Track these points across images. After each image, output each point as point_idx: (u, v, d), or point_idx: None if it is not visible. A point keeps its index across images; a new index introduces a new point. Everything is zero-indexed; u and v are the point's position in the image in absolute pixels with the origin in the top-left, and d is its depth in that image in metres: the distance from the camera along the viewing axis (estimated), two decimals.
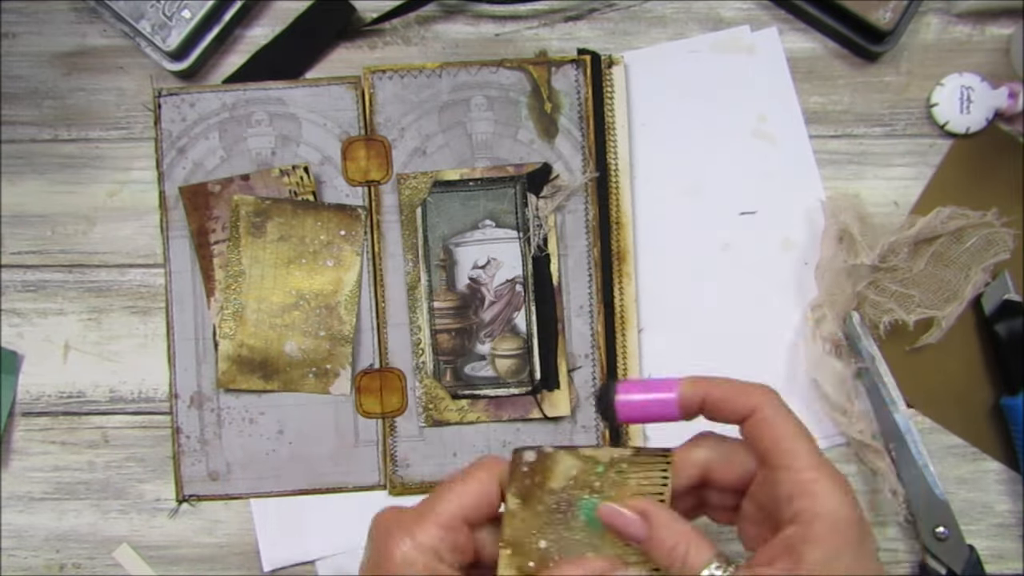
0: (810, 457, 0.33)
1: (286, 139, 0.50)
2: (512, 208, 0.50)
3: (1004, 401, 0.50)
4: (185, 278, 0.50)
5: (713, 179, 0.52)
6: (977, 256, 0.51)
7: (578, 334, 0.50)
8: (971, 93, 0.51)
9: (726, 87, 0.52)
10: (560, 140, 0.50)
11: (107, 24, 0.52)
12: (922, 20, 0.53)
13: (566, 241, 0.50)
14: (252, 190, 0.50)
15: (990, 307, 0.51)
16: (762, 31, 0.53)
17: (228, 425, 0.50)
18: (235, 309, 0.49)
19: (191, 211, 0.50)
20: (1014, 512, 0.51)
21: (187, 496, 0.50)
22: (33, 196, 0.52)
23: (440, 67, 0.50)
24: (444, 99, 0.50)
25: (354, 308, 0.50)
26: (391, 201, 0.50)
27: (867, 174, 0.52)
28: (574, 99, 0.50)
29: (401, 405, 0.50)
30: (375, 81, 0.50)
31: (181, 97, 0.50)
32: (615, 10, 0.53)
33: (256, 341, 0.49)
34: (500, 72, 0.50)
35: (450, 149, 0.50)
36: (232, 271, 0.49)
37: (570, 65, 0.50)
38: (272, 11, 0.53)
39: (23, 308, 0.51)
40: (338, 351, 0.50)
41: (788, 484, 0.33)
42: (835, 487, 0.33)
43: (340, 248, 0.50)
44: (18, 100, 0.52)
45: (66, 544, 0.50)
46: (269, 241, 0.49)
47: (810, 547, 0.32)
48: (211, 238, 0.50)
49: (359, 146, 0.50)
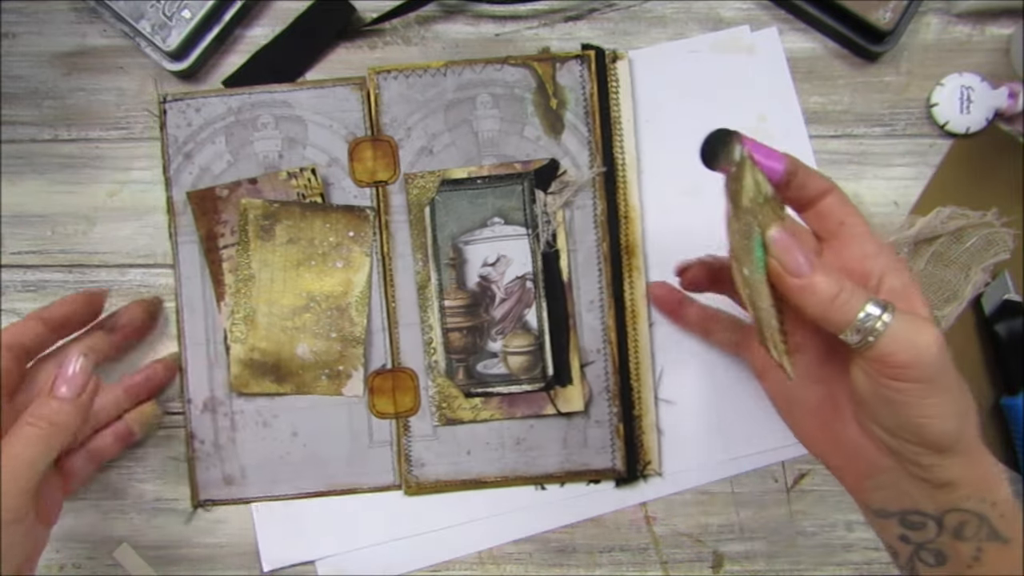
0: (870, 226, 0.37)
1: (292, 142, 0.50)
2: (520, 205, 0.50)
3: (1004, 401, 0.50)
4: (195, 283, 0.50)
5: (714, 179, 0.52)
6: (977, 256, 0.51)
7: (589, 329, 0.50)
8: (971, 93, 0.51)
9: (726, 87, 0.52)
10: (566, 136, 0.50)
11: (107, 24, 0.52)
12: (922, 20, 0.53)
13: (575, 236, 0.50)
14: (260, 193, 0.50)
15: (990, 307, 0.51)
16: (762, 31, 0.53)
17: (242, 429, 0.50)
18: (246, 313, 0.49)
19: (199, 216, 0.50)
20: None
21: (203, 501, 0.50)
22: (33, 196, 0.52)
23: (445, 66, 0.50)
24: (449, 98, 0.50)
25: (364, 309, 0.50)
26: (399, 201, 0.50)
27: (867, 174, 0.52)
28: (579, 95, 0.50)
29: (414, 405, 0.50)
30: (380, 81, 0.50)
31: (186, 103, 0.50)
32: (615, 10, 0.53)
33: (268, 344, 0.49)
34: (505, 69, 0.50)
35: (457, 148, 0.50)
36: (242, 275, 0.49)
37: (574, 61, 0.50)
38: (272, 11, 0.53)
39: (23, 308, 0.51)
40: (350, 352, 0.50)
41: (869, 244, 0.36)
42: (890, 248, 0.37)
43: (349, 249, 0.50)
44: (18, 100, 0.52)
45: (66, 544, 0.50)
46: (278, 244, 0.49)
47: (910, 287, 0.35)
48: (220, 242, 0.50)
49: (366, 147, 0.50)
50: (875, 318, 0.33)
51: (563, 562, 0.51)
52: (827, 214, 0.37)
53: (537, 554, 0.51)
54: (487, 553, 0.51)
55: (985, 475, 0.34)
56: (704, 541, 0.51)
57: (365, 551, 0.50)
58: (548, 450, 0.50)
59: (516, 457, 0.50)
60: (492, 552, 0.51)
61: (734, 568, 0.51)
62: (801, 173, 0.36)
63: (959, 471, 0.34)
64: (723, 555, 0.51)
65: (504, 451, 0.50)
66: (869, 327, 0.33)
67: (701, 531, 0.51)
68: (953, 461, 0.34)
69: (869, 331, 0.33)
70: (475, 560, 0.51)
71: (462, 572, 0.50)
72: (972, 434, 0.34)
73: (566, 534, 0.51)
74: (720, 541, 0.51)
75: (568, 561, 0.51)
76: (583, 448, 0.50)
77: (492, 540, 0.51)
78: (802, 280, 0.34)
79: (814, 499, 0.51)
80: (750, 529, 0.51)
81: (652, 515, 0.51)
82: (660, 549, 0.51)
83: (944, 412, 0.33)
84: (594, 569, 0.51)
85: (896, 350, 0.32)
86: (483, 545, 0.50)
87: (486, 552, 0.51)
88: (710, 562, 0.51)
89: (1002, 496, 0.34)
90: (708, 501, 0.51)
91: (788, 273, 0.34)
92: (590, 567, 0.51)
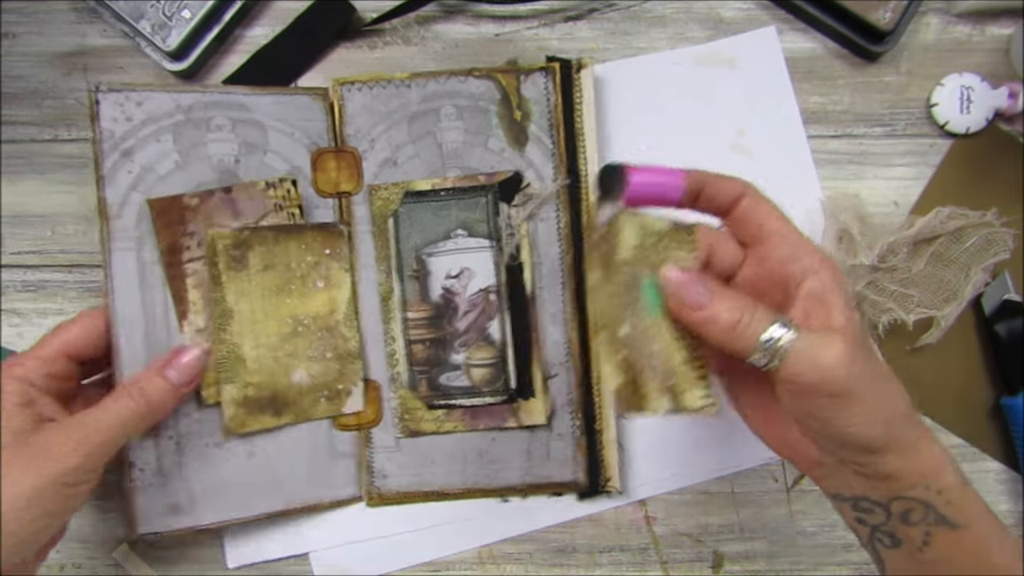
0: (794, 225, 0.36)
1: (251, 147, 0.48)
2: (484, 217, 0.49)
3: (1004, 401, 0.50)
4: (132, 297, 0.45)
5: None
6: (977, 256, 0.51)
7: (552, 342, 0.49)
8: (971, 93, 0.51)
9: (706, 100, 0.52)
10: (531, 148, 0.49)
11: (107, 24, 0.52)
12: (922, 20, 0.53)
13: (539, 249, 0.50)
14: (235, 204, 0.47)
15: (990, 307, 0.51)
16: (760, 31, 0.53)
17: (190, 452, 0.46)
18: (229, 351, 0.46)
19: (162, 228, 0.46)
20: (1014, 512, 0.51)
21: (144, 534, 0.45)
22: (33, 196, 0.52)
23: (409, 77, 0.49)
24: (414, 109, 0.49)
25: (354, 323, 0.49)
26: (363, 212, 0.49)
27: (867, 174, 0.52)
28: (544, 107, 0.49)
29: (376, 416, 0.49)
30: (344, 92, 0.49)
31: (125, 95, 0.46)
32: (615, 10, 0.53)
33: (261, 378, 0.47)
34: (469, 81, 0.49)
35: (421, 159, 0.49)
36: (219, 310, 0.46)
37: (539, 73, 0.49)
38: (272, 11, 0.53)
39: (23, 308, 0.51)
40: (348, 368, 0.49)
41: (788, 246, 0.35)
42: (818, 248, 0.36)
43: (328, 267, 0.48)
44: (18, 100, 0.52)
45: (66, 544, 0.50)
46: (253, 273, 0.47)
47: (831, 291, 0.34)
48: (185, 256, 0.46)
49: (329, 157, 0.49)
50: (776, 340, 0.33)
51: (563, 562, 0.51)
52: (744, 219, 0.36)
53: (537, 554, 0.51)
54: (487, 553, 0.51)
55: (927, 466, 0.34)
56: (704, 541, 0.51)
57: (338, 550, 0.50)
58: (510, 463, 0.50)
59: (478, 469, 0.50)
60: (492, 552, 0.51)
61: (734, 568, 0.51)
62: (709, 184, 0.36)
63: (897, 465, 0.34)
64: (723, 555, 0.51)
65: (467, 463, 0.50)
66: (773, 350, 0.33)
67: (701, 531, 0.51)
68: (888, 458, 0.34)
69: (774, 353, 0.33)
70: (475, 560, 0.51)
71: (462, 572, 0.50)
72: (906, 431, 0.34)
73: (566, 534, 0.51)
74: (720, 541, 0.51)
75: (568, 561, 0.51)
76: (546, 461, 0.49)
77: (446, 550, 0.50)
78: (703, 312, 0.34)
79: (814, 499, 0.51)
80: (750, 529, 0.51)
81: (652, 515, 0.51)
82: (660, 549, 0.51)
83: (866, 420, 0.33)
84: (594, 569, 0.51)
85: (802, 370, 0.32)
86: (443, 553, 0.50)
87: (486, 552, 0.51)
88: (710, 562, 0.51)
89: (947, 483, 0.34)
90: (708, 501, 0.51)
91: (688, 307, 0.34)
92: (590, 567, 0.51)
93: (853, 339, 0.33)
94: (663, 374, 0.35)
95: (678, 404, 0.35)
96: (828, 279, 0.34)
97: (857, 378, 0.32)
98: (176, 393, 0.43)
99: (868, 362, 0.33)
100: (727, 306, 0.34)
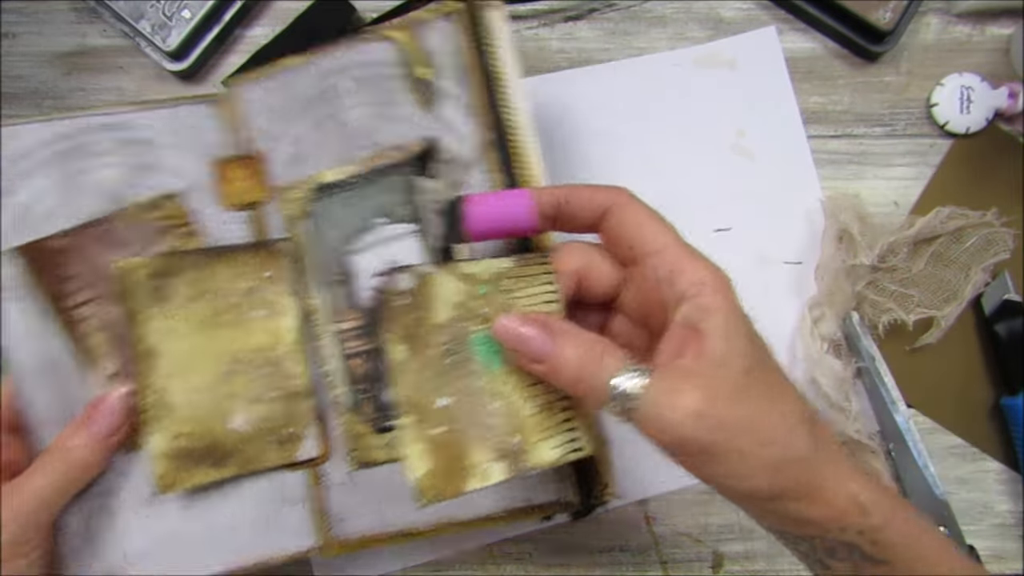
0: (674, 236, 0.32)
1: (142, 168, 0.42)
2: (403, 199, 0.43)
3: (1004, 401, 0.50)
4: (31, 351, 0.40)
5: (689, 193, 0.51)
6: (977, 256, 0.51)
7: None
8: (971, 93, 0.51)
9: (706, 101, 0.52)
10: (444, 107, 0.42)
11: (107, 24, 0.52)
12: (922, 20, 0.53)
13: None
14: (114, 234, 0.41)
15: (990, 307, 0.51)
16: (760, 31, 0.53)
17: (120, 511, 0.40)
18: (156, 398, 0.40)
19: (37, 277, 0.40)
20: (1014, 512, 0.51)
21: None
22: None
23: (302, 62, 0.43)
24: (309, 93, 0.43)
25: (302, 356, 0.41)
26: (278, 221, 0.43)
27: (867, 174, 0.52)
28: (453, 58, 0.42)
29: (324, 450, 0.42)
30: (236, 92, 0.43)
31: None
32: (615, 10, 0.53)
33: (194, 427, 0.40)
34: (362, 49, 0.43)
35: (327, 147, 0.43)
36: (140, 351, 0.40)
37: (440, 19, 0.42)
38: (272, 11, 0.53)
39: None
40: (297, 409, 0.41)
41: (664, 265, 0.31)
42: (704, 262, 0.31)
43: (268, 292, 0.42)
44: (18, 100, 0.52)
45: None
46: (177, 306, 0.40)
47: (710, 315, 0.29)
48: (71, 301, 0.41)
49: (233, 166, 0.43)
50: (624, 392, 0.29)
51: (563, 562, 0.51)
52: (614, 239, 0.32)
53: (537, 554, 0.51)
54: (487, 553, 0.51)
55: (843, 511, 0.30)
56: (704, 541, 0.51)
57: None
58: (483, 488, 0.41)
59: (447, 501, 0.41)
60: (492, 552, 0.51)
61: (734, 568, 0.51)
62: (573, 200, 0.32)
63: (802, 511, 0.30)
64: (723, 555, 0.51)
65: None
66: (623, 401, 0.29)
67: (701, 531, 0.51)
68: (789, 505, 0.29)
69: (624, 406, 0.29)
70: (475, 559, 0.51)
71: (462, 572, 0.50)
72: (805, 475, 0.29)
73: (566, 533, 0.51)
74: (720, 541, 0.51)
75: (568, 561, 0.51)
76: (523, 481, 0.41)
77: (447, 550, 0.50)
78: (546, 364, 0.30)
79: None
80: (750, 529, 0.51)
81: (652, 515, 0.51)
82: (660, 549, 0.51)
83: (742, 472, 0.29)
84: (594, 569, 0.51)
85: (650, 430, 0.28)
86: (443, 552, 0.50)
87: (486, 552, 0.51)
88: (710, 562, 0.51)
89: (869, 524, 0.30)
90: (708, 501, 0.51)
91: (530, 360, 0.30)
92: (590, 567, 0.51)
93: (717, 379, 0.28)
94: (503, 435, 0.32)
95: (520, 464, 0.32)
96: (709, 301, 0.30)
97: (717, 431, 0.28)
98: (105, 444, 0.38)
99: (741, 403, 0.28)
100: (571, 353, 0.29)
